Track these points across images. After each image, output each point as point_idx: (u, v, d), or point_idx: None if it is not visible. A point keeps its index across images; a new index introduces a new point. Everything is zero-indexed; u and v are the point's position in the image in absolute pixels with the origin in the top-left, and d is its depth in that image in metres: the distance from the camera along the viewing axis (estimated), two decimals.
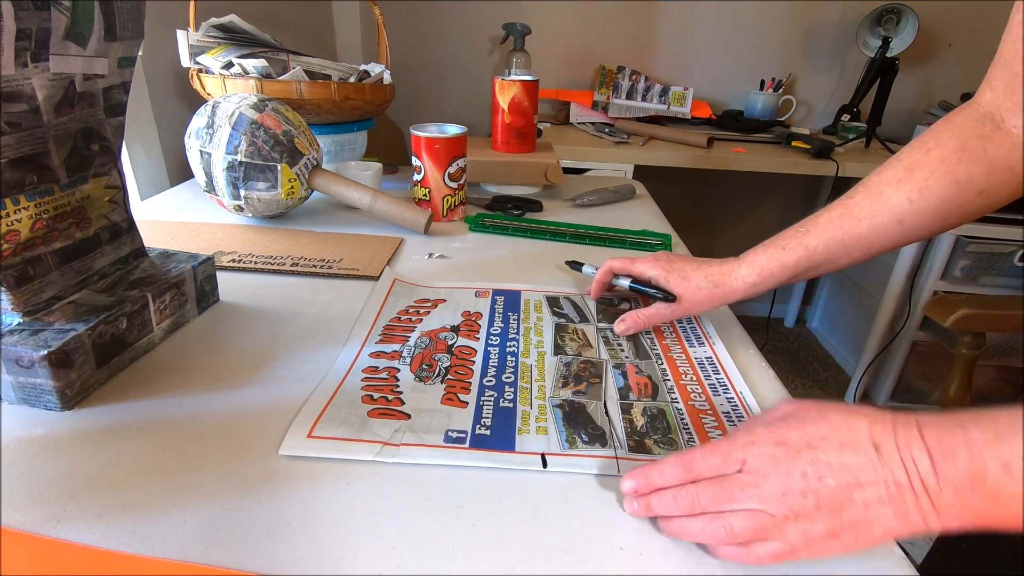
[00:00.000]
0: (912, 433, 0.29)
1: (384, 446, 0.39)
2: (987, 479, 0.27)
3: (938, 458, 0.28)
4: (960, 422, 0.28)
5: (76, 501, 0.34)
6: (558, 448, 0.40)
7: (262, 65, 0.85)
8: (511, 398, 0.45)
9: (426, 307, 0.58)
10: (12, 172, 0.40)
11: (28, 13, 0.37)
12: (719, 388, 0.48)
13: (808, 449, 0.30)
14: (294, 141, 0.72)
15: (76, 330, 0.41)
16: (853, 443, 0.30)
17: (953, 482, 0.28)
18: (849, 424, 0.30)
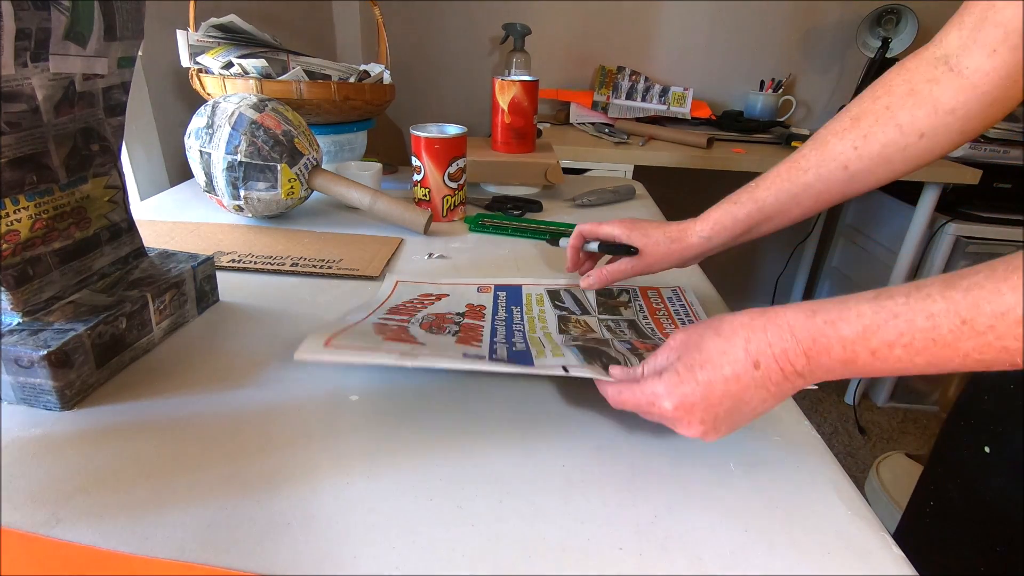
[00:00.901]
0: (788, 343, 0.33)
1: (403, 354, 0.39)
2: (856, 363, 0.32)
3: (813, 355, 0.33)
4: (830, 321, 0.32)
5: (76, 501, 0.34)
6: (575, 361, 0.43)
7: (262, 65, 0.85)
8: (521, 341, 0.48)
9: (430, 299, 0.58)
10: (12, 172, 0.40)
11: (28, 13, 0.37)
12: None
13: (703, 400, 0.35)
14: (294, 141, 0.72)
15: (76, 330, 0.41)
16: (735, 374, 0.34)
17: (825, 367, 0.33)
18: (728, 355, 0.35)
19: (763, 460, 0.40)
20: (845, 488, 0.39)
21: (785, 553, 0.33)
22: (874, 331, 0.31)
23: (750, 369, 0.34)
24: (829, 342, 0.32)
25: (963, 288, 0.28)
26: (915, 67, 0.46)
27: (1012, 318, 0.27)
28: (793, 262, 2.12)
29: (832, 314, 0.32)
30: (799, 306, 0.34)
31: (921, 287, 0.30)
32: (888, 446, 1.66)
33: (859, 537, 0.35)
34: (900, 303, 0.30)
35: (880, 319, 0.30)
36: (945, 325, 0.29)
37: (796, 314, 0.33)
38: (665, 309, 0.59)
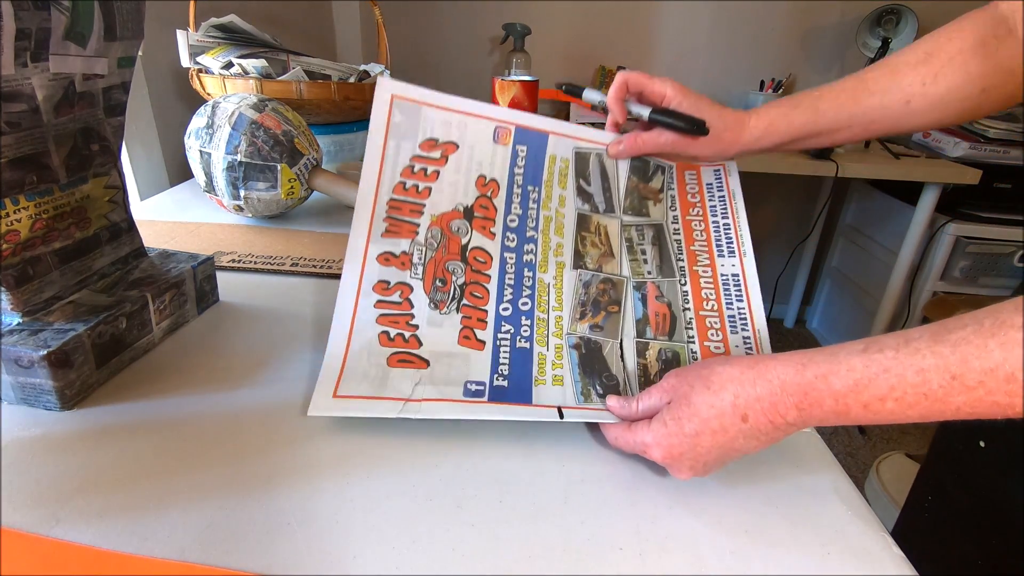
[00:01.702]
0: (777, 396, 0.33)
1: (406, 403, 0.40)
2: (849, 414, 0.32)
3: (805, 407, 0.33)
4: (821, 375, 0.32)
5: (76, 501, 0.34)
6: (573, 402, 0.42)
7: (262, 65, 0.85)
8: (528, 336, 0.45)
9: (435, 160, 0.48)
10: (12, 172, 0.40)
11: (28, 13, 0.37)
12: (737, 322, 0.47)
13: (690, 451, 0.35)
14: (294, 141, 0.72)
15: (76, 330, 0.41)
16: (723, 427, 0.34)
17: (817, 417, 0.33)
18: (715, 408, 0.34)
19: (763, 460, 0.40)
20: (845, 488, 0.39)
21: (785, 553, 0.33)
22: (865, 385, 0.31)
23: (738, 422, 0.34)
24: (821, 396, 0.32)
25: (951, 343, 0.28)
26: (982, 20, 0.45)
27: (1001, 374, 0.27)
28: (793, 262, 2.12)
29: (823, 368, 0.32)
30: (789, 358, 0.34)
31: (910, 340, 0.30)
32: (888, 446, 1.66)
33: (859, 537, 0.35)
34: (889, 357, 0.30)
35: (871, 373, 0.30)
36: (935, 380, 0.29)
37: (786, 368, 0.33)
38: (701, 206, 0.52)
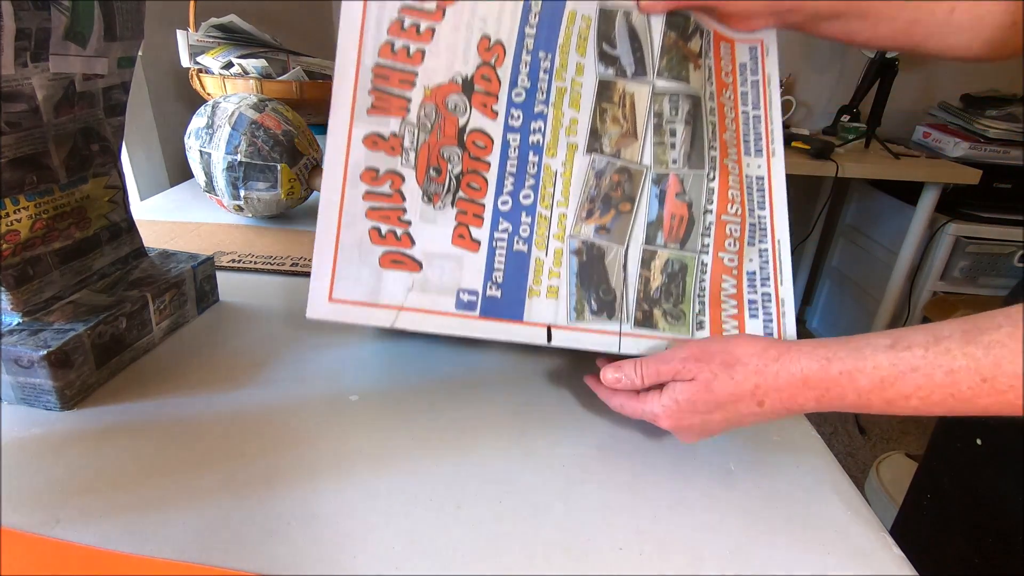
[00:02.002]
0: (798, 389, 0.33)
1: (400, 312, 0.39)
2: (870, 407, 0.32)
3: (825, 400, 0.33)
4: (847, 371, 0.32)
5: (76, 501, 0.34)
6: (565, 319, 0.40)
7: (262, 65, 0.85)
8: (527, 237, 0.41)
9: (429, 14, 0.40)
10: (12, 172, 0.40)
11: (28, 13, 0.37)
12: (756, 232, 0.44)
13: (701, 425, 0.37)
14: (294, 141, 0.72)
15: (76, 330, 0.41)
16: (737, 411, 0.35)
17: (834, 407, 0.33)
18: (734, 395, 0.35)
19: (763, 460, 0.40)
20: (845, 488, 0.39)
21: (785, 553, 0.33)
22: (891, 383, 0.30)
23: (753, 407, 0.35)
24: (843, 391, 0.32)
25: (984, 345, 0.28)
26: None
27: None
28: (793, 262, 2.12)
29: (848, 363, 0.32)
30: (813, 351, 0.33)
31: (940, 339, 0.30)
32: (888, 446, 1.66)
33: (859, 537, 0.35)
34: (918, 356, 0.30)
35: (897, 372, 0.30)
36: (965, 383, 0.29)
37: (810, 362, 0.33)
38: (733, 90, 0.45)
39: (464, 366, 0.49)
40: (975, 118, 1.59)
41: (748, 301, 0.43)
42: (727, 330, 0.42)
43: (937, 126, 1.71)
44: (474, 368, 0.49)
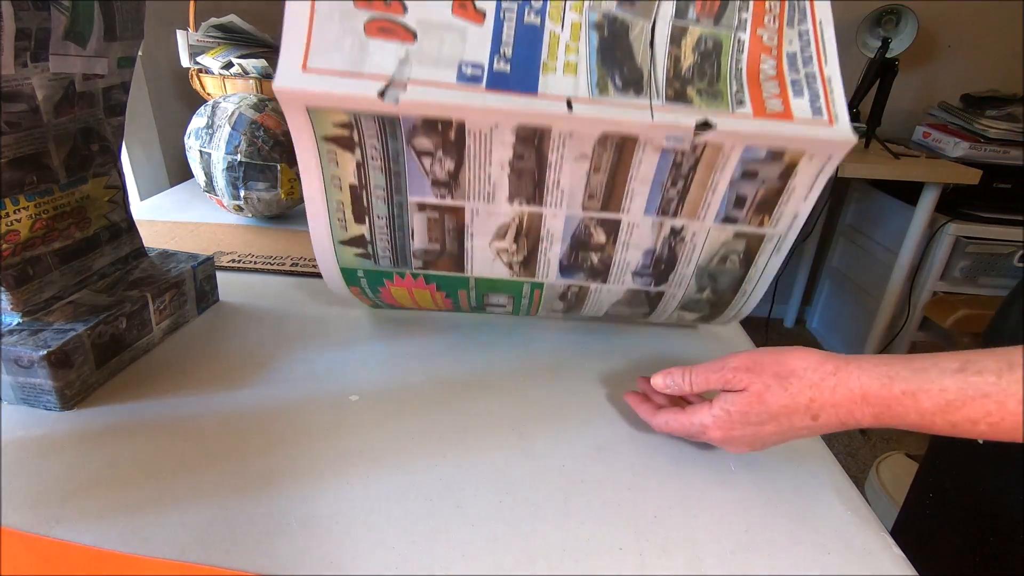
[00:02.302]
0: (856, 405, 0.32)
1: (390, 85, 0.34)
2: (933, 428, 0.31)
3: (885, 419, 0.32)
4: (910, 392, 0.31)
5: (75, 501, 0.34)
6: (586, 93, 0.35)
7: (262, 65, 0.85)
8: (540, 7, 0.37)
9: None
10: (12, 172, 0.40)
11: (28, 13, 0.37)
12: (796, 13, 0.40)
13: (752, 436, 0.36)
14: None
15: (76, 330, 0.41)
16: (791, 424, 0.34)
17: (893, 425, 0.32)
18: (788, 408, 0.34)
19: (763, 460, 0.40)
20: (845, 488, 0.39)
21: (785, 553, 0.33)
22: (958, 407, 0.30)
23: (807, 420, 0.34)
24: (905, 410, 0.31)
25: None
26: None
27: None
28: (793, 262, 2.12)
29: (912, 384, 0.31)
30: (873, 368, 0.32)
31: (1014, 365, 0.29)
32: (888, 446, 1.66)
33: (859, 537, 0.35)
34: (990, 382, 0.29)
35: (966, 396, 0.29)
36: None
37: (871, 380, 0.32)
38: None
39: (464, 366, 0.49)
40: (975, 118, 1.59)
41: (791, 81, 0.39)
42: (771, 108, 0.38)
43: (937, 126, 1.71)
44: (474, 368, 0.49)
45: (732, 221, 0.41)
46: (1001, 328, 0.53)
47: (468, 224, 0.42)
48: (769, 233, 0.42)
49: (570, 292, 0.48)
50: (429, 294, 0.49)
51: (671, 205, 0.40)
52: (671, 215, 0.41)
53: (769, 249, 0.43)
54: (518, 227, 0.42)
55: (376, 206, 0.41)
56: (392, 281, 0.47)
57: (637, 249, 0.43)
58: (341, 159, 0.38)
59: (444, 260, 0.44)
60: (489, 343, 0.53)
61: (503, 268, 0.45)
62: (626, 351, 0.53)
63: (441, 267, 0.45)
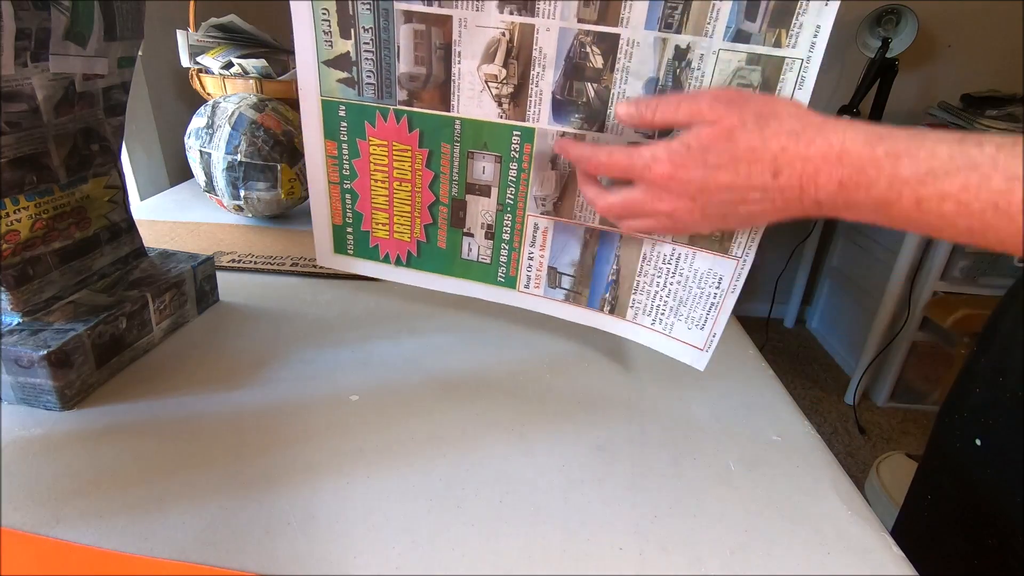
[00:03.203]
0: (829, 165, 0.29)
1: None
2: (891, 208, 0.28)
3: (849, 188, 0.29)
4: (893, 153, 0.28)
5: (76, 501, 0.34)
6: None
7: (262, 65, 0.85)
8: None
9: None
10: (12, 172, 0.40)
11: (28, 13, 0.37)
12: None
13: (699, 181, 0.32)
14: (294, 141, 0.72)
15: (76, 330, 0.41)
16: (748, 175, 0.30)
17: (851, 204, 0.29)
18: (755, 153, 0.30)
19: (763, 460, 0.40)
20: (845, 488, 0.39)
21: (785, 553, 0.33)
22: (938, 176, 0.26)
23: (767, 176, 0.30)
24: (877, 176, 0.28)
25: None
26: None
27: None
28: (793, 262, 2.12)
29: (900, 146, 0.28)
30: (866, 126, 0.29)
31: (1019, 142, 0.26)
32: (888, 446, 1.66)
33: (859, 537, 0.35)
34: (988, 154, 0.26)
35: (953, 165, 0.26)
36: (1021, 192, 0.25)
37: (857, 135, 0.28)
38: None
39: (464, 366, 0.49)
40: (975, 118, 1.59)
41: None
42: None
43: (937, 126, 1.71)
44: (474, 368, 0.49)
45: (744, 39, 0.37)
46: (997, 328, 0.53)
47: (456, 40, 0.40)
48: (789, 58, 0.37)
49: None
50: (410, 156, 0.45)
51: (675, 14, 0.37)
52: (675, 29, 0.38)
53: (791, 80, 0.38)
54: (508, 45, 0.40)
55: (362, 16, 0.40)
56: (374, 127, 0.44)
57: (638, 79, 0.40)
58: None
59: (430, 91, 0.42)
60: (489, 343, 0.53)
61: (491, 104, 0.42)
62: (626, 351, 0.53)
63: (426, 100, 0.43)
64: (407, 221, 0.48)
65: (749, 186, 0.31)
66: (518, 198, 0.46)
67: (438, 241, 0.48)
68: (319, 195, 0.47)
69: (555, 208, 0.46)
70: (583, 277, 0.47)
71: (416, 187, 0.46)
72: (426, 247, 0.49)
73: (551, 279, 0.48)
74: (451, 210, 0.47)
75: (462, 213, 0.47)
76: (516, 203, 0.46)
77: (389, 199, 0.47)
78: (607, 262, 0.46)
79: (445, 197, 0.47)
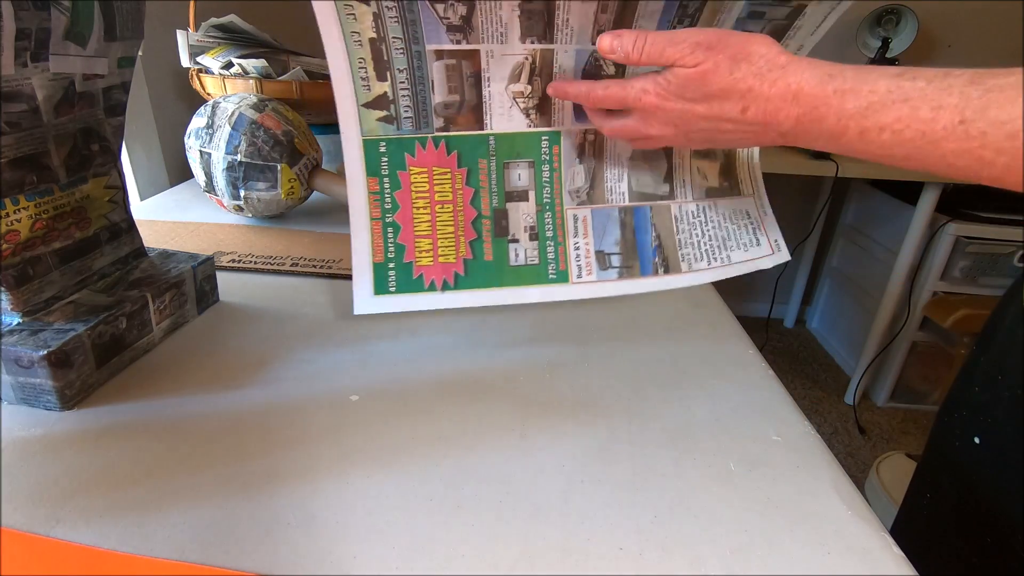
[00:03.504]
0: (786, 103, 0.33)
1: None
2: (842, 139, 0.32)
3: (805, 122, 0.33)
4: (840, 91, 0.31)
5: (76, 501, 0.34)
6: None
7: (262, 65, 0.85)
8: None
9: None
10: (12, 172, 0.40)
11: (28, 13, 0.37)
12: None
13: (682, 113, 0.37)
14: (294, 141, 0.72)
15: (76, 330, 0.41)
16: (722, 109, 0.36)
17: (810, 134, 0.33)
18: (725, 91, 0.35)
19: (763, 460, 0.40)
20: (845, 488, 0.39)
21: (785, 553, 0.33)
22: (876, 110, 0.30)
23: (737, 111, 0.35)
24: (827, 112, 0.32)
25: (985, 88, 0.27)
26: None
27: (1008, 130, 0.26)
28: (793, 262, 2.12)
29: (847, 84, 0.31)
30: (820, 67, 0.33)
31: (949, 75, 0.29)
32: (888, 446, 1.66)
33: (859, 537, 0.35)
34: (919, 88, 0.29)
35: (890, 99, 0.30)
36: (943, 120, 0.28)
37: (811, 76, 0.32)
38: None
39: (464, 366, 0.49)
40: None
41: None
42: None
43: None
44: (474, 368, 0.49)
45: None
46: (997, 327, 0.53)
47: (484, 68, 0.44)
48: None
49: (587, 143, 0.49)
50: (450, 177, 0.47)
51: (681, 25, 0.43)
52: None
53: None
54: (531, 66, 0.44)
55: (396, 59, 0.43)
56: (414, 157, 0.46)
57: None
58: (359, 11, 0.41)
59: (464, 115, 0.46)
60: (489, 343, 0.53)
61: (520, 116, 0.47)
62: (626, 351, 0.53)
63: (461, 123, 0.46)
64: (451, 242, 0.49)
65: (722, 118, 0.36)
66: (554, 195, 0.50)
67: (484, 255, 0.49)
68: (360, 234, 0.47)
69: (588, 197, 0.50)
70: (629, 251, 0.51)
71: (458, 206, 0.48)
72: (472, 263, 0.49)
73: (601, 262, 0.51)
74: (494, 221, 0.49)
75: (504, 222, 0.49)
76: (553, 200, 0.50)
77: (432, 223, 0.48)
78: (645, 232, 0.51)
79: (487, 210, 0.49)
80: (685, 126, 0.37)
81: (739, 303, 2.25)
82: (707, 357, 0.53)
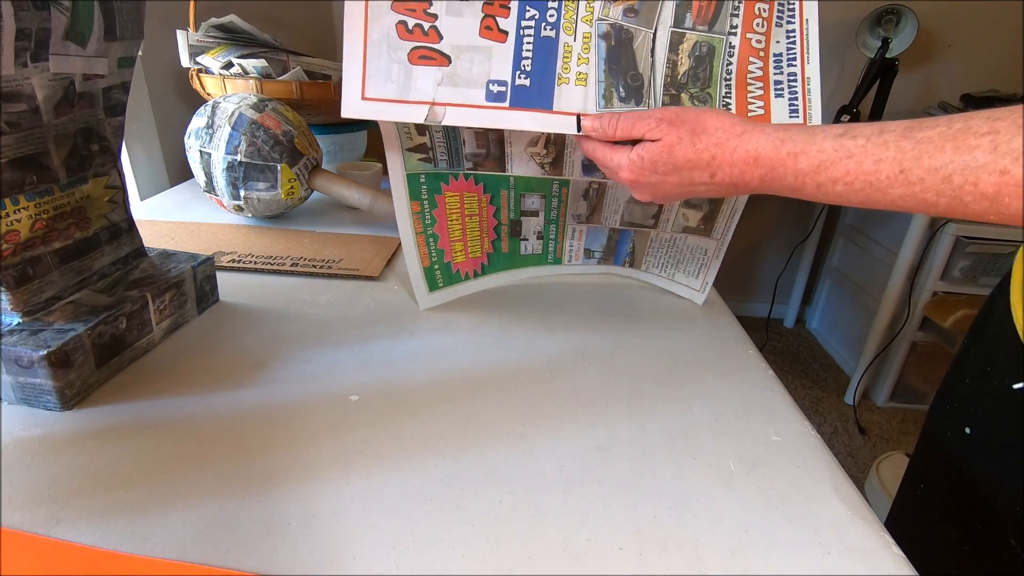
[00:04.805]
0: (748, 167, 0.37)
1: (431, 107, 0.42)
2: (803, 191, 0.36)
3: (768, 180, 0.37)
4: (793, 154, 0.35)
5: (76, 501, 0.34)
6: (594, 106, 0.43)
7: (262, 65, 0.85)
8: (554, 22, 0.43)
9: None
10: (12, 172, 0.40)
11: (28, 13, 0.37)
12: (785, 12, 0.45)
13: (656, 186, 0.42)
14: (294, 141, 0.72)
15: (76, 330, 0.41)
16: (691, 179, 0.40)
17: (774, 189, 0.37)
18: (691, 162, 0.39)
19: (763, 460, 0.40)
20: (845, 488, 0.39)
21: (785, 553, 0.33)
22: (826, 167, 0.34)
23: (706, 177, 0.39)
24: (786, 172, 0.36)
25: (916, 140, 0.31)
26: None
27: (941, 175, 0.30)
28: (793, 262, 2.12)
29: (798, 146, 0.35)
30: (773, 132, 0.36)
31: (884, 131, 0.32)
32: (888, 446, 1.66)
33: (859, 537, 0.35)
34: (859, 145, 0.33)
35: (836, 157, 0.33)
36: (885, 172, 0.31)
37: (767, 142, 0.36)
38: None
39: (464, 366, 0.50)
40: None
41: (774, 82, 0.45)
42: (753, 111, 0.46)
43: None
44: (474, 368, 0.49)
45: None
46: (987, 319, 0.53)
47: (507, 136, 0.52)
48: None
49: (591, 189, 0.58)
50: (477, 199, 0.56)
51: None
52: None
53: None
54: (547, 137, 0.52)
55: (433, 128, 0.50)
56: (448, 184, 0.54)
57: None
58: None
59: (489, 162, 0.54)
60: (489, 343, 0.53)
61: (537, 168, 0.55)
62: (627, 351, 0.53)
63: (487, 167, 0.54)
64: (478, 241, 0.60)
65: (693, 183, 0.40)
66: (560, 214, 0.61)
67: (502, 248, 0.62)
68: (410, 246, 0.55)
69: (588, 220, 0.62)
70: (609, 252, 0.65)
71: (483, 218, 0.59)
72: (493, 256, 0.62)
73: (587, 256, 0.66)
74: (510, 227, 0.61)
75: (519, 228, 0.62)
76: (559, 218, 0.62)
77: (463, 230, 0.58)
78: (625, 243, 0.64)
79: (505, 220, 0.60)
80: (661, 192, 0.42)
81: (739, 303, 2.25)
82: (707, 357, 0.53)
